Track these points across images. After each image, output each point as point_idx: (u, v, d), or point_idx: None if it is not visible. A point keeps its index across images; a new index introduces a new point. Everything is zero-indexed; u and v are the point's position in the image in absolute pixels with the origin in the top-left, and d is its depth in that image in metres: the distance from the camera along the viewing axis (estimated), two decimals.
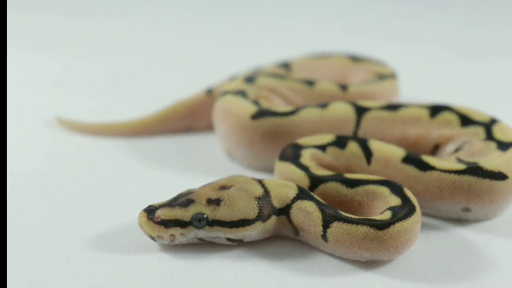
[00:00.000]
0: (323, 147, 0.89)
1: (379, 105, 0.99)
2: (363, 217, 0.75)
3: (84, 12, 2.11)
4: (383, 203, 0.79)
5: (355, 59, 1.29)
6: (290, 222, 0.77)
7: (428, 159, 0.86)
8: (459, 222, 0.86)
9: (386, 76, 1.19)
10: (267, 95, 1.07)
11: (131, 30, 1.96)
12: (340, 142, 0.89)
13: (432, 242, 0.81)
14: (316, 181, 0.82)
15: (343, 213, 0.76)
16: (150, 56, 1.69)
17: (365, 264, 0.75)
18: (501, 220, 0.86)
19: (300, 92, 1.09)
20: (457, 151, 0.92)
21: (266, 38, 1.91)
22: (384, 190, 0.80)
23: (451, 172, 0.83)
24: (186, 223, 0.74)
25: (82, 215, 0.85)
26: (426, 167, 0.84)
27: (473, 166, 0.83)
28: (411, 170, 0.85)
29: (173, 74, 1.54)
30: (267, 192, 0.78)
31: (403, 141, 0.96)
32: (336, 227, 0.74)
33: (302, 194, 0.78)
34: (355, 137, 0.91)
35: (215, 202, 0.75)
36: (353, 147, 0.89)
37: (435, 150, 0.96)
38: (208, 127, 1.15)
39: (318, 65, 1.29)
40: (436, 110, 0.97)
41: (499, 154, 0.86)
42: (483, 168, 0.83)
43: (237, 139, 1.00)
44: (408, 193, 0.79)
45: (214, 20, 2.09)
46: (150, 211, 0.75)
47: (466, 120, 0.95)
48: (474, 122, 0.94)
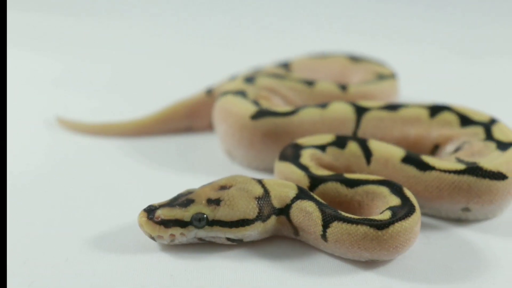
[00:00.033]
0: (323, 147, 0.89)
1: (379, 105, 0.99)
2: (362, 217, 0.75)
3: (84, 12, 2.11)
4: (383, 203, 0.79)
5: (355, 59, 1.29)
6: (290, 222, 0.77)
7: (427, 159, 0.86)
8: (458, 222, 0.86)
9: (385, 76, 1.19)
10: (267, 95, 1.07)
11: (131, 30, 1.96)
12: (340, 142, 0.89)
13: (432, 242, 0.81)
14: (316, 181, 0.82)
15: (343, 213, 0.76)
16: (150, 56, 1.69)
17: (364, 264, 0.75)
18: (500, 220, 0.87)
19: (300, 92, 1.09)
20: (456, 151, 0.92)
21: (266, 38, 1.91)
22: (383, 190, 0.80)
23: (450, 172, 0.83)
24: (186, 223, 0.74)
25: (82, 215, 0.85)
26: (425, 167, 0.84)
27: (472, 166, 0.83)
28: (411, 170, 0.85)
29: (173, 74, 1.54)
30: (267, 192, 0.78)
31: (402, 141, 0.96)
32: (335, 227, 0.74)
33: (302, 194, 0.78)
34: (354, 137, 0.91)
35: (215, 202, 0.75)
36: (353, 147, 0.89)
37: (434, 150, 0.96)
38: (208, 127, 1.15)
39: (318, 65, 1.29)
40: (436, 110, 0.97)
41: (498, 154, 0.86)
42: (482, 168, 0.83)
43: (237, 139, 1.00)
44: (408, 193, 0.79)
45: (214, 20, 2.09)
46: (150, 211, 0.75)
47: (465, 120, 0.95)
48: (474, 122, 0.94)
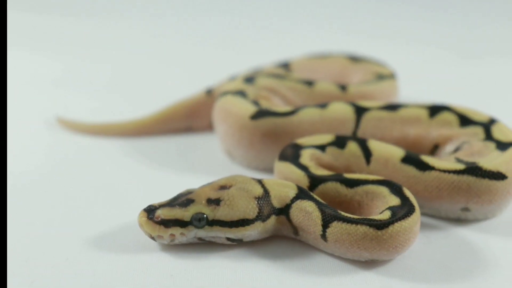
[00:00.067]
0: (322, 147, 0.89)
1: (379, 105, 0.99)
2: (362, 217, 0.75)
3: (84, 12, 2.11)
4: (383, 203, 0.79)
5: (355, 59, 1.29)
6: (290, 222, 0.77)
7: (427, 159, 0.86)
8: (458, 222, 0.86)
9: (385, 76, 1.19)
10: (266, 95, 1.07)
11: (131, 30, 1.96)
12: (340, 142, 0.89)
13: (431, 242, 0.81)
14: (315, 181, 0.82)
15: (343, 213, 0.76)
16: (150, 56, 1.70)
17: (364, 264, 0.75)
18: (500, 220, 0.87)
19: (299, 92, 1.09)
20: (456, 151, 0.92)
21: (265, 38, 1.91)
22: (383, 190, 0.80)
23: (450, 172, 0.83)
24: (186, 222, 0.74)
25: (82, 215, 0.85)
26: (425, 167, 0.84)
27: (472, 166, 0.83)
28: (411, 170, 0.85)
29: (173, 74, 1.54)
30: (266, 192, 0.78)
31: (402, 141, 0.96)
32: (335, 227, 0.74)
33: (302, 194, 0.78)
34: (354, 137, 0.91)
35: (215, 202, 0.75)
36: (352, 147, 0.89)
37: (434, 150, 0.96)
38: (208, 127, 1.15)
39: (317, 65, 1.29)
40: (435, 110, 0.97)
41: (498, 154, 0.86)
42: (482, 168, 0.83)
43: (236, 139, 1.00)
44: (407, 193, 0.79)
45: (214, 21, 2.09)
46: (150, 211, 0.75)
47: (465, 120, 0.95)
48: (473, 122, 0.94)
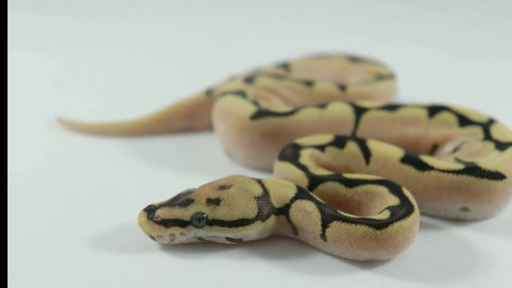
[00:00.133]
0: (322, 147, 0.89)
1: (378, 105, 0.99)
2: (361, 216, 0.75)
3: (84, 12, 2.11)
4: (382, 203, 0.79)
5: (354, 59, 1.29)
6: (289, 222, 0.78)
7: (426, 159, 0.86)
8: (457, 222, 0.86)
9: (384, 76, 1.19)
10: (266, 96, 1.07)
11: (131, 30, 1.96)
12: (339, 142, 0.90)
13: (431, 242, 0.81)
14: (315, 181, 0.82)
15: (342, 212, 0.76)
16: (150, 56, 1.70)
17: (363, 264, 0.75)
18: (499, 220, 0.87)
19: (299, 93, 1.09)
20: (455, 151, 0.93)
21: (265, 38, 1.91)
22: (382, 190, 0.80)
23: (449, 172, 0.83)
24: (186, 222, 0.74)
25: (82, 215, 0.85)
26: (424, 167, 0.85)
27: (471, 166, 0.84)
28: (410, 170, 0.85)
29: (173, 74, 1.54)
30: (266, 191, 0.78)
31: (401, 141, 0.96)
32: (335, 227, 0.74)
33: (301, 194, 0.78)
34: (354, 137, 0.91)
35: (214, 202, 0.76)
36: (352, 147, 0.89)
37: (433, 150, 0.96)
38: (208, 127, 1.15)
39: (317, 65, 1.29)
40: (435, 110, 0.97)
41: (497, 154, 0.87)
42: (481, 168, 0.83)
43: (236, 139, 1.00)
44: (407, 192, 0.79)
45: (214, 21, 2.09)
46: (150, 211, 0.75)
47: (464, 120, 0.95)
48: (472, 122, 0.95)
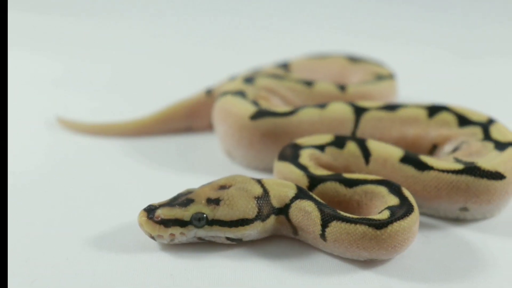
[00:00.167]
0: (321, 147, 0.89)
1: (378, 105, 0.99)
2: (361, 216, 0.75)
3: (84, 12, 2.11)
4: (382, 203, 0.79)
5: (354, 59, 1.29)
6: (289, 222, 0.78)
7: (426, 159, 0.86)
8: (457, 222, 0.86)
9: (384, 76, 1.19)
10: (266, 96, 1.07)
11: (131, 30, 1.96)
12: (339, 142, 0.90)
13: (430, 242, 0.81)
14: (315, 180, 0.82)
15: (342, 212, 0.76)
16: (150, 56, 1.70)
17: (363, 263, 0.75)
18: (498, 220, 0.87)
19: (299, 93, 1.09)
20: (455, 151, 0.93)
21: (265, 38, 1.91)
22: (382, 190, 0.80)
23: (449, 172, 0.83)
24: (186, 222, 0.75)
25: (82, 215, 0.85)
26: (424, 167, 0.85)
27: (470, 166, 0.84)
28: (409, 170, 0.85)
29: (173, 74, 1.54)
30: (266, 191, 0.78)
31: (401, 141, 0.96)
32: (334, 227, 0.74)
33: (301, 194, 0.78)
34: (353, 137, 0.91)
35: (214, 202, 0.76)
36: (351, 147, 0.89)
37: (433, 150, 0.96)
38: (208, 127, 1.15)
39: (317, 65, 1.29)
40: (434, 110, 0.97)
41: (496, 154, 0.87)
42: (480, 168, 0.83)
43: (236, 139, 1.00)
44: (406, 192, 0.79)
45: (214, 21, 2.09)
46: (150, 211, 0.75)
47: (463, 120, 0.95)
48: (472, 122, 0.95)
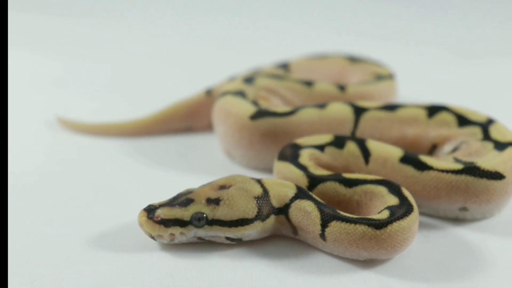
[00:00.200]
0: (321, 147, 0.89)
1: (377, 105, 0.99)
2: (361, 216, 0.75)
3: (84, 13, 2.12)
4: (381, 203, 0.79)
5: (353, 59, 1.29)
6: (289, 222, 0.78)
7: (425, 159, 0.86)
8: (456, 222, 0.86)
9: (384, 76, 1.20)
10: (266, 96, 1.07)
11: (131, 30, 1.96)
12: (339, 142, 0.90)
13: (430, 241, 0.81)
14: (314, 180, 0.82)
15: (342, 212, 0.76)
16: (150, 56, 1.70)
17: (363, 263, 0.75)
18: (498, 220, 0.87)
19: (298, 93, 1.10)
20: (454, 151, 0.93)
21: (265, 39, 1.91)
22: (382, 190, 0.80)
23: (448, 172, 0.84)
24: (186, 222, 0.75)
25: (82, 215, 0.85)
26: (423, 167, 0.85)
27: (470, 166, 0.84)
28: (409, 170, 0.85)
29: (173, 74, 1.54)
30: (266, 191, 0.78)
31: (401, 141, 0.96)
32: (334, 226, 0.74)
33: (301, 194, 0.78)
34: (353, 137, 0.91)
35: (214, 202, 0.76)
36: (351, 147, 0.89)
37: (432, 150, 0.96)
38: (208, 127, 1.15)
39: (316, 65, 1.29)
40: (434, 110, 0.97)
41: (496, 154, 0.87)
42: (480, 168, 0.83)
43: (236, 139, 1.00)
44: (406, 192, 0.80)
45: (214, 21, 2.09)
46: (150, 211, 0.75)
47: (463, 120, 0.95)
48: (471, 122, 0.95)
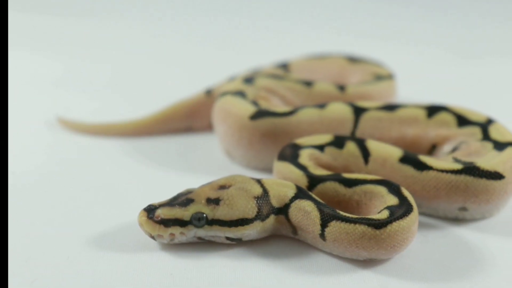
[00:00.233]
0: (321, 147, 0.89)
1: (377, 105, 0.99)
2: (361, 216, 0.75)
3: (84, 13, 2.12)
4: (381, 203, 0.79)
5: (353, 60, 1.29)
6: (289, 221, 0.78)
7: (425, 159, 0.86)
8: (456, 221, 0.86)
9: (383, 76, 1.20)
10: (265, 96, 1.07)
11: (131, 30, 1.96)
12: (338, 142, 0.90)
13: (429, 241, 0.81)
14: (314, 180, 0.82)
15: (341, 212, 0.76)
16: (150, 56, 1.70)
17: (362, 263, 0.76)
18: (497, 220, 0.87)
19: (298, 93, 1.10)
20: (454, 151, 0.93)
21: (265, 39, 1.91)
22: (381, 190, 0.80)
23: (448, 172, 0.84)
24: (186, 222, 0.75)
25: (82, 215, 0.85)
26: (423, 167, 0.85)
27: (469, 166, 0.84)
28: (408, 170, 0.86)
29: (173, 74, 1.54)
30: (266, 191, 0.78)
31: (400, 141, 0.96)
32: (334, 226, 0.74)
33: (301, 194, 0.78)
34: (353, 137, 0.91)
35: (214, 202, 0.76)
36: (351, 147, 0.89)
37: (432, 150, 0.96)
38: (208, 127, 1.15)
39: (316, 66, 1.29)
40: (433, 110, 0.98)
41: (495, 154, 0.87)
42: (479, 168, 0.84)
43: (236, 139, 1.01)
44: (406, 192, 0.80)
45: (214, 21, 2.09)
46: (150, 211, 0.75)
47: (462, 120, 0.96)
48: (471, 122, 0.95)
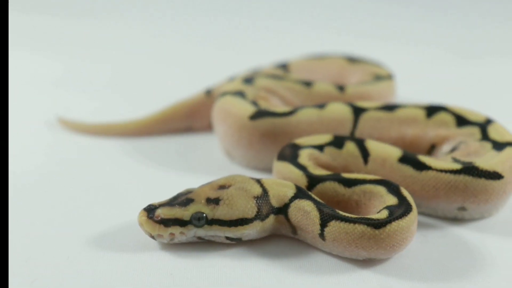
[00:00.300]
0: (320, 147, 0.90)
1: (376, 105, 0.99)
2: (360, 216, 0.76)
3: (84, 13, 2.12)
4: (380, 202, 0.79)
5: (352, 60, 1.30)
6: (288, 221, 0.78)
7: (424, 159, 0.86)
8: (455, 221, 0.86)
9: (383, 77, 1.20)
10: (265, 96, 1.07)
11: (131, 30, 1.96)
12: (338, 142, 0.90)
13: (428, 241, 0.81)
14: (314, 180, 0.83)
15: (341, 212, 0.76)
16: (150, 56, 1.70)
17: (362, 263, 0.76)
18: (496, 219, 0.87)
19: (298, 93, 1.10)
20: (453, 151, 0.93)
21: (264, 39, 1.92)
22: (381, 190, 0.80)
23: (447, 171, 0.84)
24: (186, 222, 0.75)
25: (82, 215, 0.85)
26: (422, 167, 0.85)
27: (468, 166, 0.84)
28: (408, 170, 0.86)
29: (173, 74, 1.54)
30: (265, 191, 0.78)
31: (399, 141, 0.96)
32: (333, 226, 0.74)
33: (300, 194, 0.79)
34: (352, 137, 0.91)
35: (214, 202, 0.76)
36: (350, 147, 0.89)
37: (431, 150, 0.96)
38: (208, 127, 1.16)
39: (315, 66, 1.29)
40: (432, 110, 0.98)
41: (494, 154, 0.87)
42: (478, 168, 0.84)
43: (236, 139, 1.01)
44: (405, 192, 0.80)
45: (214, 21, 2.09)
46: (150, 210, 0.75)
47: (461, 121, 0.96)
48: (470, 122, 0.95)
